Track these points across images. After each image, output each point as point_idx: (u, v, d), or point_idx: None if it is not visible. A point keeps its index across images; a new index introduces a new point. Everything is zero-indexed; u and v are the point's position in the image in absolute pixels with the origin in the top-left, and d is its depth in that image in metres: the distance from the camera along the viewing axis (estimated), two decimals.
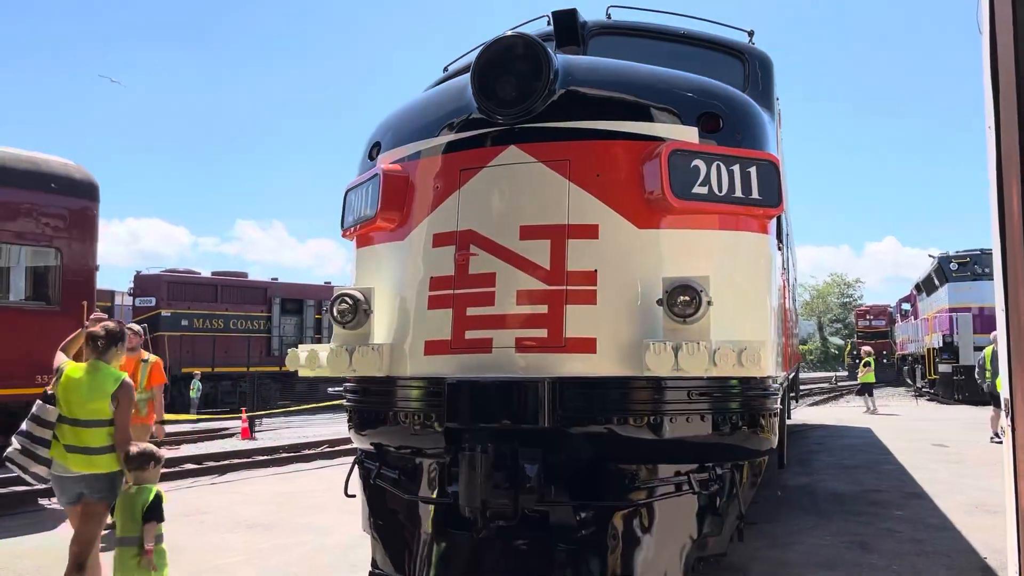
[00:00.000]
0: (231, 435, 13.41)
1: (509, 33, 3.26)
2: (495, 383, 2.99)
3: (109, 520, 3.61)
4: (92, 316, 4.02)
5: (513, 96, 3.15)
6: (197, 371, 16.05)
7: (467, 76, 3.26)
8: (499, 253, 3.13)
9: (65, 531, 4.19)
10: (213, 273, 19.15)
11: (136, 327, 5.06)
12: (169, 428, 11.71)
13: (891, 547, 4.85)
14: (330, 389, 4.95)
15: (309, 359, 3.34)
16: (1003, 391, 2.18)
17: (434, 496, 3.26)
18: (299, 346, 3.45)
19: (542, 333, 3.05)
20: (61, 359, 3.46)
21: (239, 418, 13.35)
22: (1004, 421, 2.12)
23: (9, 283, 6.65)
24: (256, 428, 13.44)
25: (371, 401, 3.46)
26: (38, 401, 3.32)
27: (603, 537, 3.05)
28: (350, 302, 3.38)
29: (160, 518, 3.18)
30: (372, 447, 3.61)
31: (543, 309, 3.05)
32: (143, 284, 17.54)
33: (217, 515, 6.03)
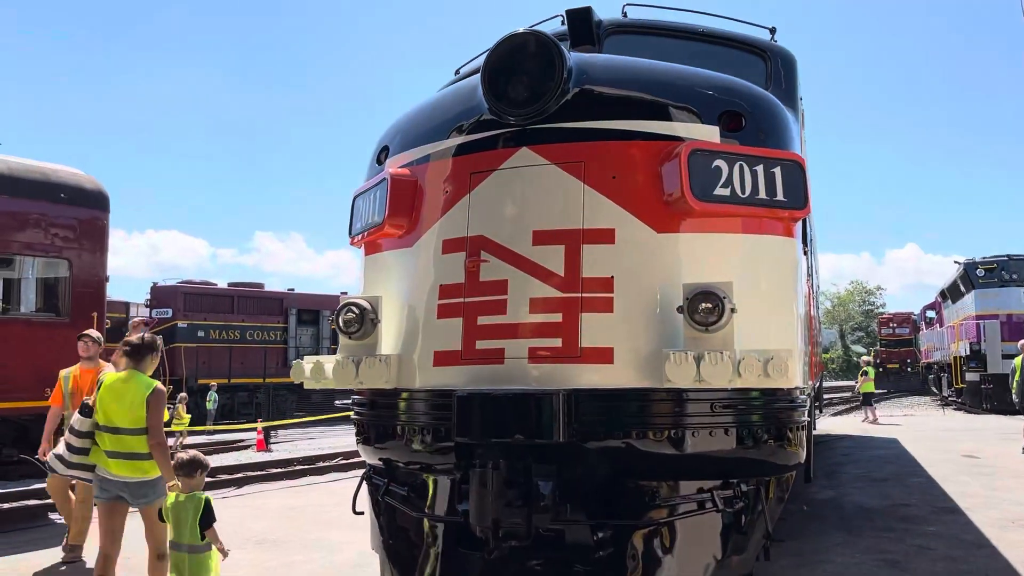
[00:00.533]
0: (247, 447, 13.61)
1: (521, 31, 3.15)
2: (507, 396, 2.90)
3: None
4: (133, 322, 4.14)
5: (525, 96, 3.05)
6: (213, 383, 16.34)
7: (478, 76, 3.17)
8: (511, 259, 3.03)
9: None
10: (230, 284, 19.66)
11: (94, 334, 5.00)
12: (188, 440, 12.32)
13: (925, 567, 4.68)
14: (337, 402, 4.89)
15: (314, 371, 3.25)
16: None
17: (444, 514, 3.16)
18: (304, 358, 3.36)
19: (556, 343, 2.95)
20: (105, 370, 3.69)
21: (255, 429, 13.52)
22: None
23: (20, 295, 6.72)
24: (272, 440, 13.70)
25: (379, 414, 3.40)
26: (76, 414, 3.67)
27: (622, 558, 2.93)
28: (356, 312, 3.29)
29: (215, 520, 3.33)
30: (381, 462, 3.51)
31: (557, 318, 2.96)
32: (160, 295, 18.07)
33: (227, 530, 5.88)
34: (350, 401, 3.71)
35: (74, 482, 4.43)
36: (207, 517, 3.25)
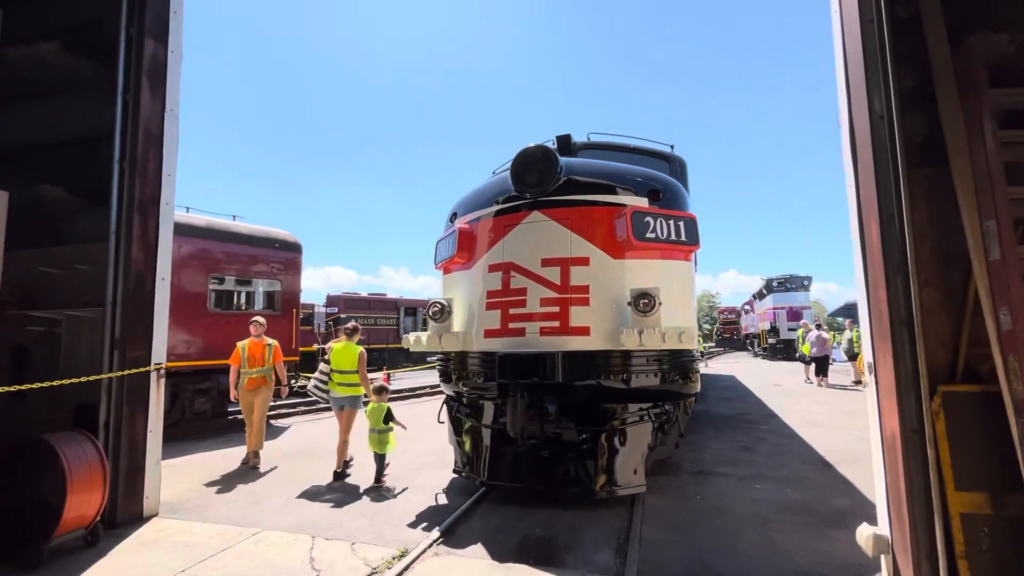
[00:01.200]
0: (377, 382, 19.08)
1: (533, 145, 5.28)
2: (527, 355, 4.75)
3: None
4: (347, 327, 6.56)
5: (536, 181, 5.17)
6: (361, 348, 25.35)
7: (507, 172, 5.33)
8: (529, 275, 5.00)
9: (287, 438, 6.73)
10: (368, 294, 31.55)
11: (261, 319, 7.44)
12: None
13: (765, 449, 6.75)
14: (428, 359, 7.29)
15: (416, 341, 5.43)
16: (867, 357, 3.15)
17: (491, 423, 5.20)
18: (410, 333, 5.53)
19: (556, 324, 4.84)
20: (331, 343, 6.24)
21: (382, 373, 18.79)
22: (869, 377, 3.16)
23: (255, 300, 10.84)
24: (392, 378, 19.08)
25: (454, 365, 5.40)
26: (321, 364, 6.57)
27: (596, 448, 4.83)
28: (439, 306, 5.49)
29: (392, 418, 5.77)
30: (454, 393, 5.61)
31: (556, 309, 4.86)
32: (331, 300, 29.45)
33: (363, 432, 8.44)
34: (436, 359, 5.86)
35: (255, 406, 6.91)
36: (388, 415, 5.70)
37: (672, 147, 7.10)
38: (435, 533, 4.14)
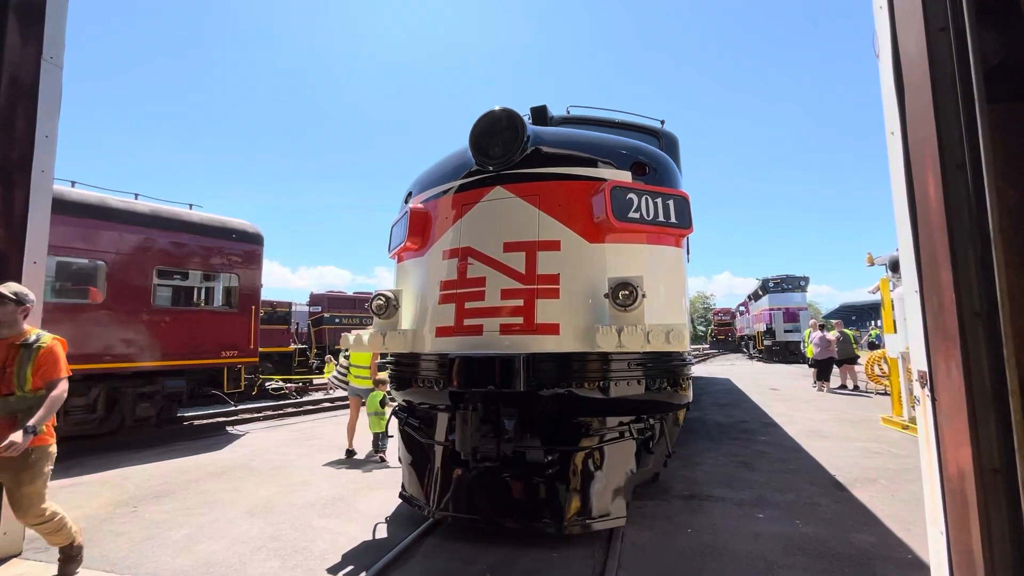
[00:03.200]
0: None
1: (497, 108, 4.45)
2: (482, 357, 3.87)
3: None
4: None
5: (499, 151, 4.33)
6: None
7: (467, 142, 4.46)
8: (488, 262, 4.15)
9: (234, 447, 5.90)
10: (354, 293, 30.69)
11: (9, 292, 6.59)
12: (324, 380, 17.86)
13: (766, 466, 5.88)
14: (375, 361, 6.58)
15: (356, 341, 4.56)
16: (918, 364, 2.28)
17: (441, 440, 4.33)
18: (351, 331, 4.65)
19: (519, 320, 3.99)
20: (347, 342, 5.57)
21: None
22: (922, 392, 2.29)
23: (213, 296, 9.99)
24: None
25: (401, 370, 4.53)
26: (341, 358, 7.70)
27: (567, 472, 3.97)
28: (383, 300, 4.62)
29: (385, 403, 6.82)
30: (405, 402, 4.73)
31: (520, 302, 4.01)
32: (315, 299, 28.54)
33: (323, 440, 8.24)
34: (386, 361, 4.95)
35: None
36: (383, 400, 6.76)
37: (663, 122, 6.26)
38: None
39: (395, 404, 5.06)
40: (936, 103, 2.14)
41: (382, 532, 4.20)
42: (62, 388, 3.25)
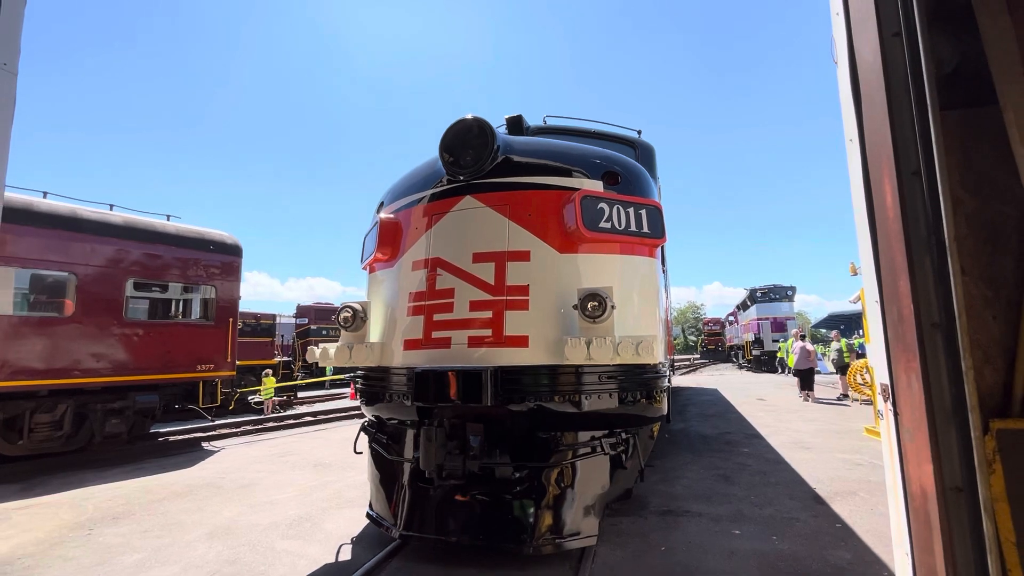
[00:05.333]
0: (344, 396, 19.45)
1: (469, 116, 4.38)
2: (447, 371, 3.75)
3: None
4: None
5: (469, 160, 4.26)
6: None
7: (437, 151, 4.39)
8: (457, 273, 4.06)
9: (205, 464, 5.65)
10: (341, 304, 29.89)
11: None
12: (309, 393, 19.13)
13: (746, 479, 5.78)
14: (341, 376, 6.33)
15: (322, 354, 4.41)
16: (880, 377, 2.23)
17: (408, 458, 4.19)
18: (318, 344, 4.51)
19: (487, 332, 3.89)
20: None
21: (350, 385, 19.05)
22: (885, 406, 2.22)
23: (190, 308, 9.73)
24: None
25: (370, 384, 4.37)
26: None
27: (536, 489, 3.84)
28: (350, 312, 4.50)
29: None
30: (374, 418, 4.58)
31: (488, 314, 3.92)
32: (301, 311, 28.23)
33: (299, 456, 8.05)
34: (355, 375, 4.78)
35: None
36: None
37: (640, 132, 6.24)
38: None
39: (364, 420, 4.91)
40: (891, 109, 2.09)
41: (346, 554, 4.04)
42: None
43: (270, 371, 16.40)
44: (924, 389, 1.94)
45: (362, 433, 4.74)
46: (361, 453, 4.68)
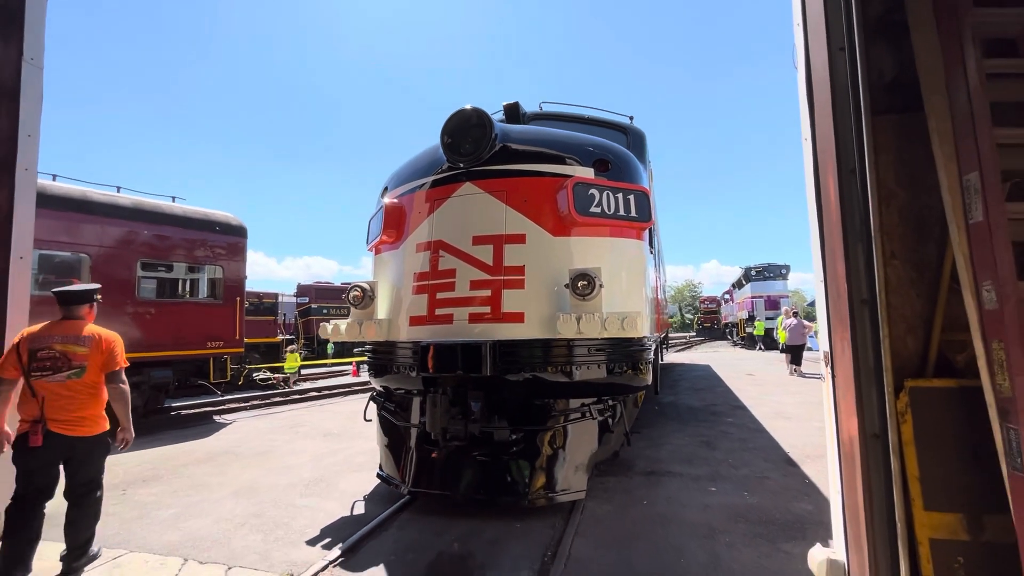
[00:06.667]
0: (346, 373, 19.85)
1: (468, 107, 4.65)
2: (451, 345, 4.12)
3: None
4: None
5: (469, 148, 4.54)
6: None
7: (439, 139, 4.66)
8: (458, 255, 4.39)
9: (221, 435, 6.09)
10: (341, 283, 30.61)
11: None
12: (313, 370, 19.79)
13: (727, 445, 6.28)
14: (355, 350, 6.80)
15: (334, 330, 4.79)
16: (823, 346, 2.63)
17: (417, 424, 4.60)
18: (330, 321, 4.86)
19: (487, 309, 4.24)
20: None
21: (351, 363, 20.17)
22: (825, 370, 2.59)
23: (198, 288, 10.15)
24: (361, 370, 19.69)
25: (378, 357, 4.75)
26: None
27: (532, 449, 4.27)
28: (360, 291, 4.86)
29: None
30: (382, 388, 4.98)
31: (487, 293, 4.26)
32: (302, 290, 28.83)
33: (309, 427, 8.54)
34: (364, 349, 5.17)
35: None
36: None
37: (631, 118, 6.50)
38: (334, 552, 3.55)
39: (373, 390, 5.31)
40: (835, 114, 2.41)
41: (360, 509, 4.47)
42: None
43: (294, 347, 17.37)
44: (853, 355, 2.32)
45: (371, 403, 5.14)
46: (371, 421, 5.09)
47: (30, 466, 3.15)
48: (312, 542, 3.77)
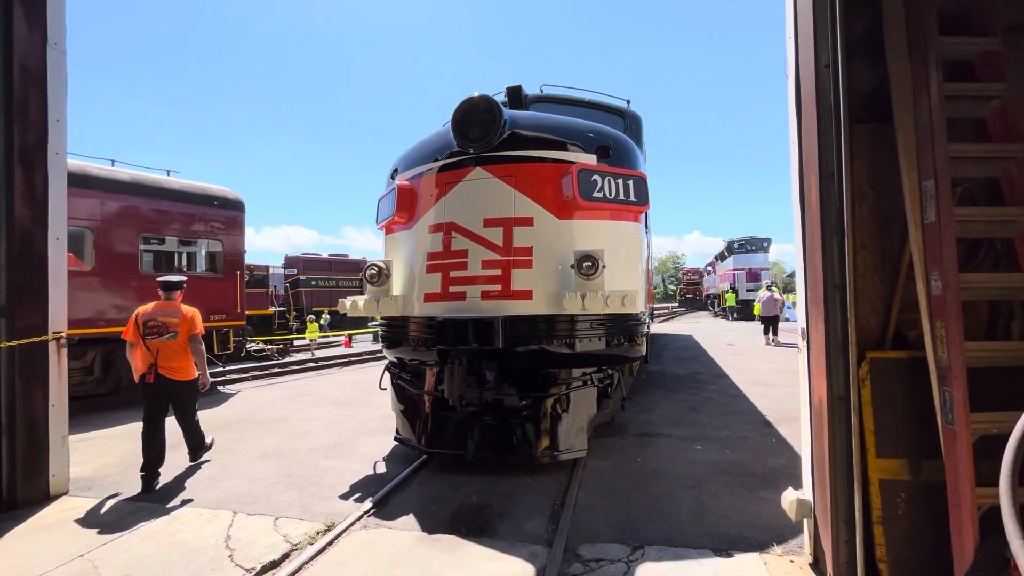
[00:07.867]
0: (339, 344, 21.24)
1: (476, 95, 4.88)
2: (466, 320, 4.48)
3: None
4: None
5: (479, 135, 4.79)
6: (324, 310, 26.59)
7: (449, 124, 4.91)
8: (470, 236, 4.69)
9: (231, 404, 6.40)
10: (329, 255, 30.93)
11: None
12: (305, 341, 19.94)
13: (710, 409, 6.91)
14: (369, 324, 7.16)
15: (352, 306, 5.10)
16: (800, 323, 3.11)
17: (432, 391, 5.01)
18: (348, 297, 5.18)
19: (497, 287, 4.58)
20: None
21: (344, 336, 21.09)
22: (801, 343, 3.09)
23: (197, 262, 10.29)
24: (353, 341, 20.70)
25: (394, 331, 5.11)
26: None
27: (538, 414, 4.71)
28: (376, 269, 5.17)
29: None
30: (396, 359, 5.36)
31: (498, 272, 4.58)
32: (290, 261, 28.75)
33: (316, 396, 8.96)
34: (378, 323, 5.54)
35: None
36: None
37: (628, 102, 6.77)
38: (367, 504, 3.99)
39: (387, 361, 5.69)
40: (819, 123, 2.78)
41: (381, 468, 4.91)
42: None
43: (314, 317, 17.87)
44: (825, 331, 2.75)
45: (386, 372, 5.53)
46: (386, 389, 5.49)
47: (148, 394, 4.78)
48: (344, 496, 4.20)
